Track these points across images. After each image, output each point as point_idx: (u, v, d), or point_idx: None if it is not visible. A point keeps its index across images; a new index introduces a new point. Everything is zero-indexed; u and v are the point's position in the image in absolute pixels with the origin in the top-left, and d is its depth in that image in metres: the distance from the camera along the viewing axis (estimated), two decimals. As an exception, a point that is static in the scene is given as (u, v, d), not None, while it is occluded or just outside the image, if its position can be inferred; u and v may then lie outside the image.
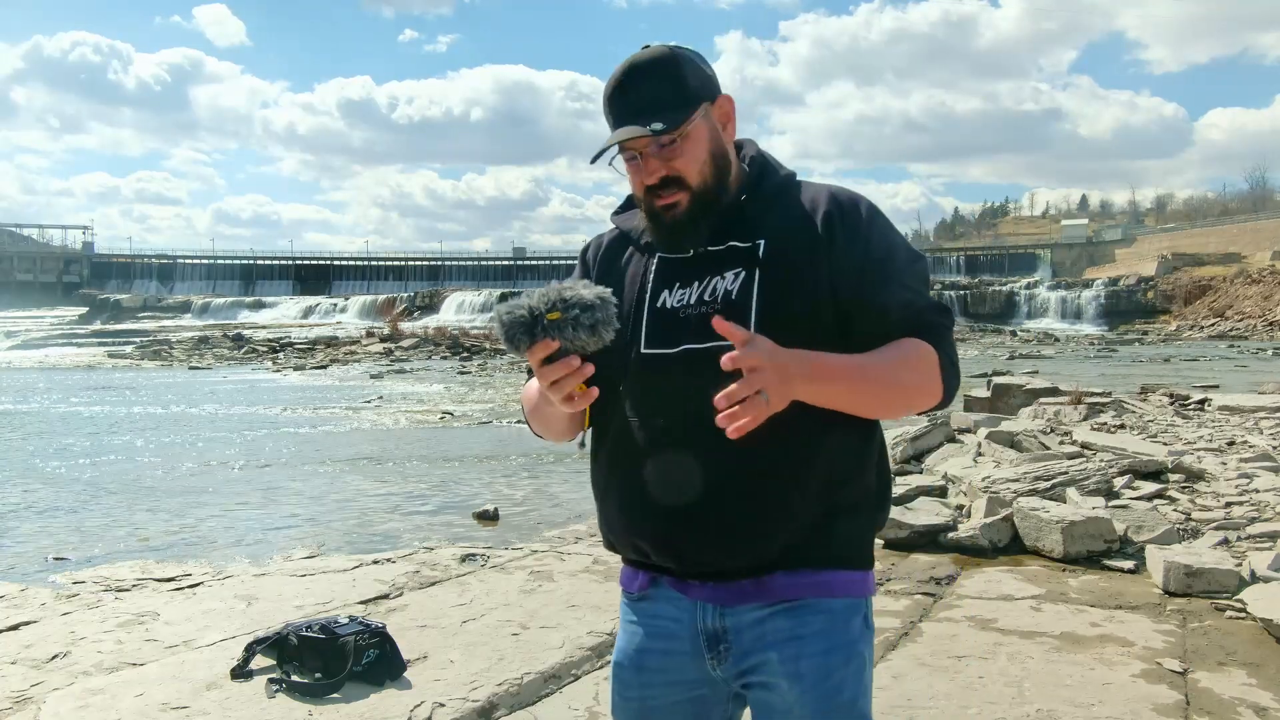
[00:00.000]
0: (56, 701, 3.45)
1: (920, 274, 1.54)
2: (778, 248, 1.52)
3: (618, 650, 1.66)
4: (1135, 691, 3.50)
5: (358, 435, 14.01)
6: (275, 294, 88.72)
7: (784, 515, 1.49)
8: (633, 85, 1.51)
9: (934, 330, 1.50)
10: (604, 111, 1.56)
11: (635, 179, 1.55)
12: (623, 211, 1.72)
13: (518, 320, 1.33)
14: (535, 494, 9.05)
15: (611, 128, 1.54)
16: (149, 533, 7.38)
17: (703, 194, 1.52)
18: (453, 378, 25.15)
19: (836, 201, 1.55)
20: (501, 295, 70.94)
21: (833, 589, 1.53)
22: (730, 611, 1.52)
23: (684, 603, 1.55)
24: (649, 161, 1.51)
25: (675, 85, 1.51)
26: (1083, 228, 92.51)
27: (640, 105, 1.49)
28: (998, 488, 6.07)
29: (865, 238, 1.51)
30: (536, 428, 1.66)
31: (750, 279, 1.50)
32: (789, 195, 1.58)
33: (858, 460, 1.55)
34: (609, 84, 1.54)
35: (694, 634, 1.55)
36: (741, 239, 1.53)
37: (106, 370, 30.32)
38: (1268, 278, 57.45)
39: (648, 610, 1.61)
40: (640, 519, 1.55)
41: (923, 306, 1.51)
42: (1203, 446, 7.80)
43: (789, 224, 1.53)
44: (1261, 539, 5.26)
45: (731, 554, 1.50)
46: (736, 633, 1.52)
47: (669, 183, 1.51)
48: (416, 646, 3.95)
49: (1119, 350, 37.46)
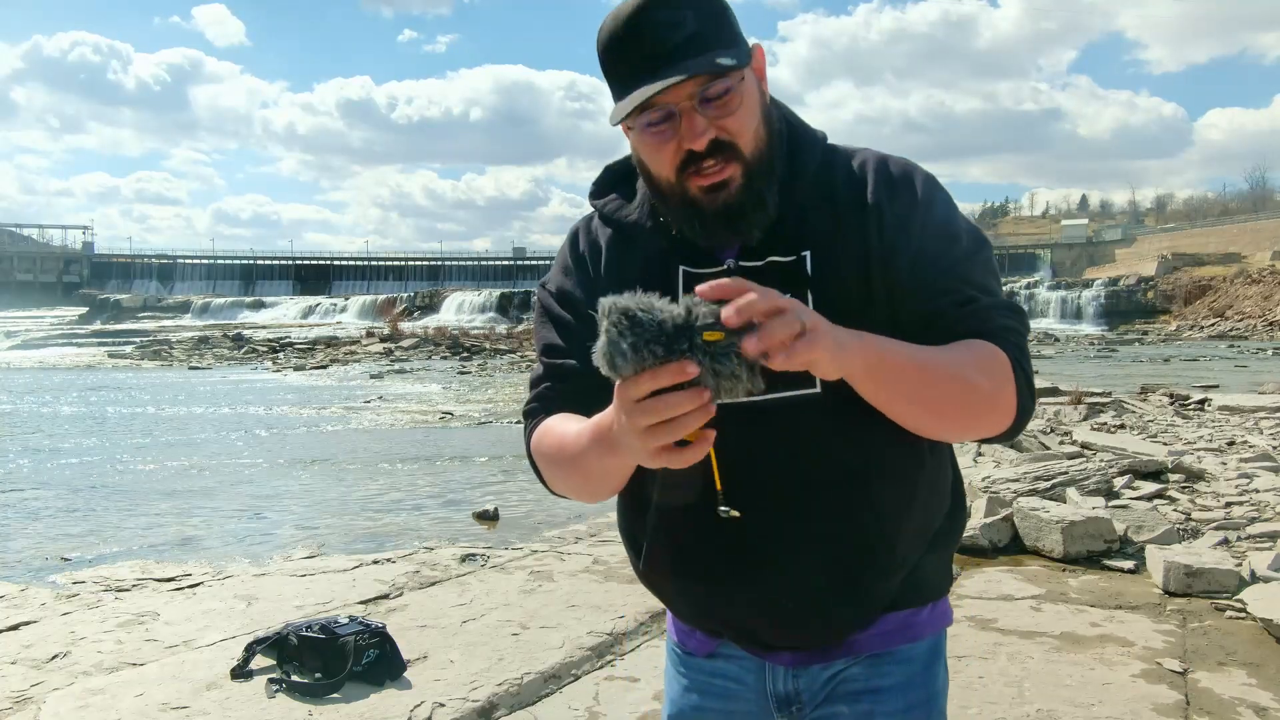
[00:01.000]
0: (56, 701, 3.45)
1: (985, 264, 1.23)
2: (827, 260, 1.21)
3: (670, 704, 1.43)
4: (1135, 691, 3.50)
5: (358, 435, 14.01)
6: (275, 294, 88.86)
7: (881, 588, 1.27)
8: (663, 16, 1.11)
9: (1005, 334, 1.18)
10: (611, 59, 1.15)
11: (664, 150, 1.16)
12: (601, 194, 1.35)
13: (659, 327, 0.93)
14: (535, 494, 9.04)
15: (628, 79, 1.12)
16: (149, 533, 7.38)
17: (759, 164, 1.17)
18: (453, 378, 25.13)
19: (886, 177, 1.24)
20: (502, 295, 71.21)
21: (918, 630, 1.33)
22: (805, 673, 1.32)
23: (751, 663, 1.34)
24: (693, 120, 1.12)
25: (719, 17, 1.14)
26: (1083, 228, 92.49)
27: (678, 40, 1.10)
28: (998, 487, 6.07)
29: (920, 222, 1.21)
30: (570, 482, 1.24)
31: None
32: (832, 174, 1.25)
33: (946, 490, 1.33)
34: (616, 21, 1.13)
35: (761, 695, 1.34)
36: (783, 251, 1.21)
37: (106, 370, 30.31)
38: (1268, 278, 57.43)
39: (704, 668, 1.38)
40: (707, 604, 1.30)
41: (990, 305, 1.19)
42: (1203, 446, 7.81)
43: (837, 222, 1.22)
44: (1261, 539, 5.26)
45: (821, 638, 1.29)
46: (810, 693, 1.33)
47: (719, 149, 1.14)
48: (416, 646, 3.95)
49: (1119, 350, 37.43)
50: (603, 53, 1.16)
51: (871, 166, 1.25)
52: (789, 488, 1.21)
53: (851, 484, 1.21)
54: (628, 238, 1.30)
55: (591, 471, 1.17)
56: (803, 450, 1.21)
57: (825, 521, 1.22)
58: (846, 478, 1.22)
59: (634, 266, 1.25)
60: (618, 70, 1.14)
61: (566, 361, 1.29)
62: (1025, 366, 1.18)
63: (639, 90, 1.10)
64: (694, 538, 1.25)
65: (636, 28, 1.11)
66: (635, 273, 1.18)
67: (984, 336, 1.16)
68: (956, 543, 1.38)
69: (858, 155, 1.28)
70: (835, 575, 1.23)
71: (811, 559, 1.22)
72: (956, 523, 1.36)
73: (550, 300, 1.35)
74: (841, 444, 1.21)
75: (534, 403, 1.32)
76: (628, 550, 1.39)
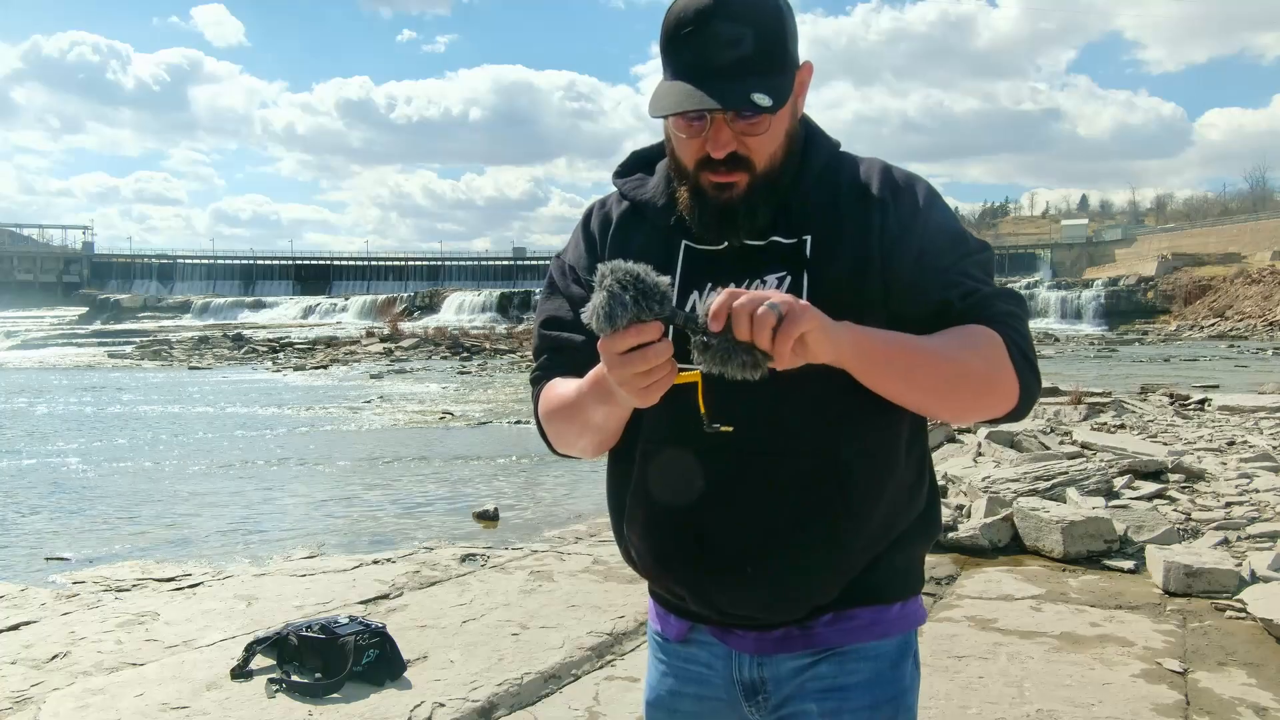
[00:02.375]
0: (56, 701, 3.45)
1: (984, 264, 1.30)
2: (826, 244, 1.28)
3: (649, 689, 1.49)
4: (1135, 691, 3.50)
5: (358, 435, 14.01)
6: (275, 294, 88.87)
7: (841, 568, 1.30)
8: (726, 30, 1.16)
9: (1003, 319, 1.24)
10: (667, 46, 1.21)
11: (690, 143, 1.25)
12: (627, 174, 1.43)
13: (657, 288, 1.06)
14: (535, 494, 9.04)
15: (677, 73, 1.19)
16: (149, 533, 7.38)
17: (766, 179, 1.26)
18: (453, 378, 25.13)
19: (890, 182, 1.31)
20: (502, 295, 71.22)
21: (885, 628, 1.36)
22: (769, 661, 1.36)
23: (720, 649, 1.39)
24: (721, 130, 1.21)
25: (777, 43, 1.20)
26: (1083, 228, 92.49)
27: (730, 60, 1.17)
28: (998, 488, 6.07)
29: (922, 224, 1.28)
30: (571, 433, 1.34)
31: (798, 284, 1.26)
32: (838, 175, 1.33)
33: (920, 484, 1.37)
34: (684, 14, 1.19)
35: (730, 683, 1.38)
36: (785, 233, 1.29)
37: (106, 370, 30.30)
38: (1268, 278, 57.44)
39: (679, 653, 1.43)
40: (671, 564, 1.35)
41: (988, 294, 1.26)
42: (1203, 446, 7.81)
43: (838, 213, 1.29)
44: (1261, 539, 5.26)
45: (780, 612, 1.33)
46: (776, 683, 1.36)
47: (734, 160, 1.23)
48: (416, 646, 3.95)
49: (1119, 350, 37.43)
50: (664, 36, 1.22)
51: (877, 170, 1.33)
52: (756, 456, 1.25)
53: (823, 454, 1.26)
54: (639, 214, 1.38)
55: (590, 420, 1.27)
56: (782, 409, 1.25)
57: (784, 495, 1.27)
58: (819, 446, 1.26)
59: (640, 239, 1.35)
60: (670, 60, 1.21)
61: (564, 334, 1.39)
62: (1025, 349, 1.24)
63: (679, 97, 1.18)
64: (668, 490, 1.31)
65: (698, 31, 1.17)
66: (641, 244, 1.33)
67: (984, 323, 1.23)
68: (927, 546, 1.41)
69: (865, 161, 1.35)
70: (782, 544, 1.28)
71: (765, 525, 1.27)
72: (927, 528, 1.39)
73: (559, 274, 1.44)
74: (817, 414, 1.27)
75: (538, 371, 1.42)
76: (611, 519, 1.45)
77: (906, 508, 1.35)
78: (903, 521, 1.34)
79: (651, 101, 1.21)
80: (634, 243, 1.34)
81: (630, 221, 1.39)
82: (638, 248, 1.31)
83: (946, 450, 8.19)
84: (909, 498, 1.35)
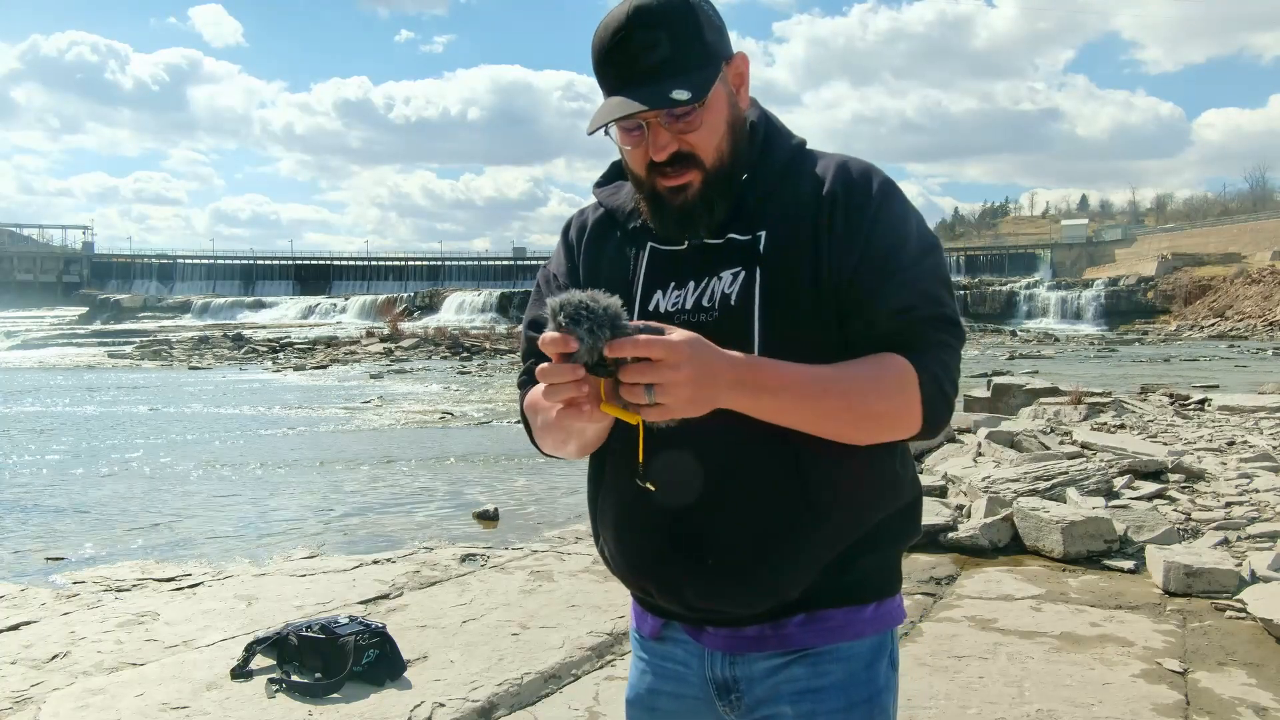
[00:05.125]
0: (56, 701, 3.45)
1: (930, 271, 1.28)
2: (780, 240, 1.29)
3: (630, 687, 1.51)
4: (1135, 691, 3.50)
5: (358, 435, 14.01)
6: (275, 294, 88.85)
7: (804, 559, 1.30)
8: (639, 37, 1.22)
9: (926, 348, 1.25)
10: (597, 69, 1.27)
11: (635, 152, 1.29)
12: (607, 183, 1.47)
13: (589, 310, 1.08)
14: (535, 494, 9.05)
15: (609, 90, 1.26)
16: (149, 533, 7.38)
17: (718, 174, 1.28)
18: (453, 378, 25.14)
19: (844, 176, 1.31)
20: (502, 295, 71.24)
21: (859, 629, 1.35)
22: (741, 660, 1.36)
23: (694, 647, 1.40)
24: (658, 133, 1.25)
25: (693, 39, 1.24)
26: (1083, 228, 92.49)
27: (650, 64, 1.22)
28: (998, 488, 6.07)
29: (870, 222, 1.27)
30: (552, 439, 1.35)
31: (750, 280, 1.28)
32: (797, 171, 1.33)
33: (891, 481, 1.36)
34: (604, 34, 1.25)
35: (703, 681, 1.39)
36: (741, 230, 1.30)
37: (106, 370, 30.31)
38: (1268, 278, 57.48)
39: (657, 650, 1.45)
40: (639, 560, 1.37)
41: (921, 318, 1.26)
42: (1203, 446, 7.80)
43: (794, 209, 1.30)
44: (1261, 539, 5.26)
45: (743, 604, 1.32)
46: (748, 682, 1.36)
47: (680, 160, 1.26)
48: (416, 646, 3.95)
49: (1119, 350, 37.45)
50: (593, 61, 1.28)
51: (833, 165, 1.33)
52: (719, 451, 1.27)
53: (779, 442, 1.25)
54: (612, 220, 1.43)
55: (571, 426, 1.26)
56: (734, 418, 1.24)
57: (744, 489, 1.29)
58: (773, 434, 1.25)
59: (612, 243, 1.41)
60: (600, 80, 1.28)
61: None
62: (943, 382, 1.25)
63: (608, 108, 1.24)
64: (632, 486, 1.30)
65: (615, 46, 1.24)
66: (612, 249, 1.40)
67: (909, 351, 1.24)
68: (903, 546, 1.41)
69: (824, 158, 1.36)
70: (743, 538, 1.29)
71: (726, 520, 1.29)
72: (905, 527, 1.39)
73: (544, 282, 1.50)
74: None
75: (524, 375, 1.46)
76: (590, 519, 1.49)
77: (877, 501, 1.34)
78: (874, 515, 1.34)
79: (589, 123, 1.25)
80: (607, 248, 1.41)
81: (604, 228, 1.44)
82: (610, 253, 1.40)
83: (946, 450, 8.18)
84: (878, 493, 1.34)
